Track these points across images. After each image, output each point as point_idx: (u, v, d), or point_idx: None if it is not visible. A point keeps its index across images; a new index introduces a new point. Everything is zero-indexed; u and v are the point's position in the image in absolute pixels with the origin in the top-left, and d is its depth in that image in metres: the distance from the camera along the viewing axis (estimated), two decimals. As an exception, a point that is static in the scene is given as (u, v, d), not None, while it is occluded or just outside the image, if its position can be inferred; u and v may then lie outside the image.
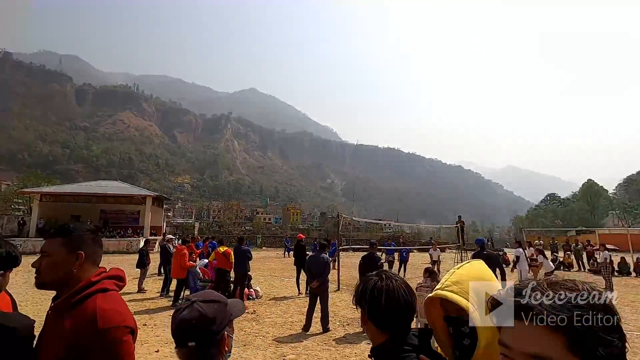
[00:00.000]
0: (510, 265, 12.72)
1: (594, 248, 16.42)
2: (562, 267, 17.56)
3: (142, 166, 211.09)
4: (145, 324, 6.61)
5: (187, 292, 8.81)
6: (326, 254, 7.30)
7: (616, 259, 15.52)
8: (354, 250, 26.28)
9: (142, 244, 12.86)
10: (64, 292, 1.29)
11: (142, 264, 10.27)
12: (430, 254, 15.77)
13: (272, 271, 15.63)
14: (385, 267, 12.64)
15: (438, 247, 16.13)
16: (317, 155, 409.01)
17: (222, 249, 8.19)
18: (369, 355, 1.18)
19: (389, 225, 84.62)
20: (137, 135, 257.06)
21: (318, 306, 6.63)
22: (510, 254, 21.03)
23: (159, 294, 9.65)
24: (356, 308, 1.21)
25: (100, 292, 1.28)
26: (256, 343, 5.75)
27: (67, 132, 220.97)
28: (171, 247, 10.71)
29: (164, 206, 37.36)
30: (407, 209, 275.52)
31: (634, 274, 14.82)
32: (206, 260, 9.72)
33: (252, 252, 8.97)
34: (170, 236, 11.94)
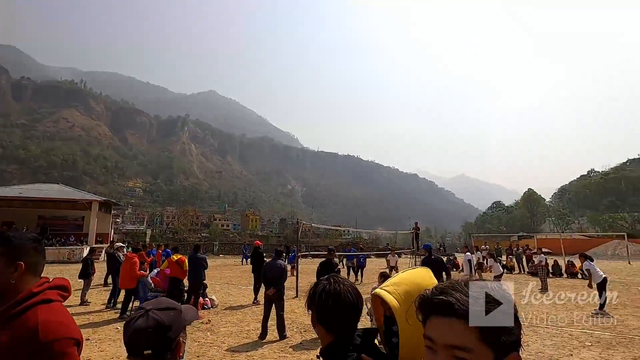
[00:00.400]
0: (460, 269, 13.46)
1: (532, 252, 17.87)
2: (505, 270, 18.91)
3: (88, 169, 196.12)
4: (89, 339, 6.16)
5: (137, 303, 8.36)
6: (283, 260, 7.29)
7: (551, 261, 17.00)
8: (313, 256, 26.39)
9: (86, 252, 11.89)
10: (1, 304, 1.20)
11: (86, 274, 9.54)
12: (388, 260, 16.24)
13: (229, 279, 15.23)
14: (344, 272, 12.83)
15: (396, 253, 16.64)
16: (278, 161, 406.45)
17: (175, 257, 7.87)
18: (317, 355, 1.23)
19: (348, 231, 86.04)
20: (83, 135, 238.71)
21: (274, 313, 6.59)
22: (460, 257, 22.31)
23: (104, 306, 9.03)
24: (307, 311, 1.28)
25: (43, 304, 1.21)
26: (210, 354, 5.58)
27: (1, 129, 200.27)
28: (121, 256, 10.09)
29: (113, 212, 35.06)
30: (366, 216, 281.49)
31: (565, 275, 16.29)
32: (157, 270, 9.29)
33: (208, 260, 8.70)
34: (120, 244, 11.21)
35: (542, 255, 13.07)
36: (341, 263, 17.18)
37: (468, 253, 13.00)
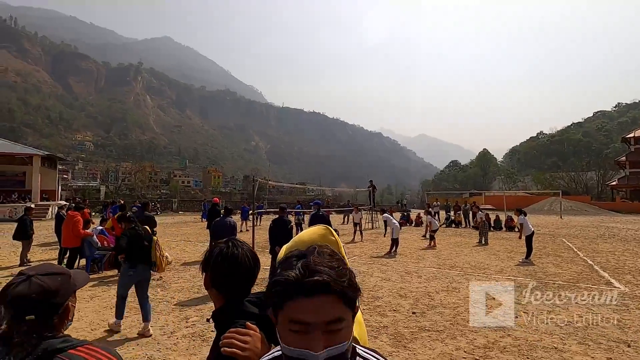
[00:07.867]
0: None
1: (476, 208, 19.25)
2: (452, 225, 20.39)
3: (27, 119, 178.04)
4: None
5: (83, 262, 8.14)
6: (231, 218, 7.32)
7: (493, 216, 18.48)
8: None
9: (22, 211, 10.84)
10: None
11: (25, 235, 8.91)
12: (352, 217, 16.33)
13: (187, 236, 15.10)
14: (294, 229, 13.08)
15: (359, 210, 16.46)
16: (241, 116, 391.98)
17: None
18: (207, 319, 1.19)
19: (312, 189, 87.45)
20: (19, 81, 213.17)
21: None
22: (414, 214, 23.58)
23: (48, 266, 8.67)
24: (201, 274, 1.25)
25: None
26: (159, 309, 5.64)
27: None
28: (64, 214, 9.54)
29: (60, 167, 32.76)
30: (330, 173, 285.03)
31: (504, 229, 17.86)
32: (101, 228, 8.97)
33: (159, 218, 8.48)
34: (62, 202, 10.56)
35: (480, 212, 14.11)
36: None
37: (430, 209, 14.31)
